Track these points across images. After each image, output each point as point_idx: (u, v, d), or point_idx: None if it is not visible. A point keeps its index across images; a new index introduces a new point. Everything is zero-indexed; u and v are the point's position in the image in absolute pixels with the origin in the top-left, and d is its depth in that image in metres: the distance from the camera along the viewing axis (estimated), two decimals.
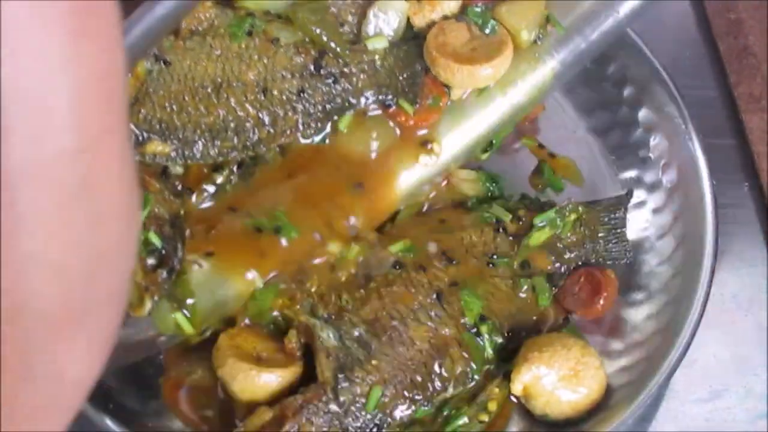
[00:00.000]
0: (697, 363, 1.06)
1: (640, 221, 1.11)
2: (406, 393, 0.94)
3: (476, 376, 0.97)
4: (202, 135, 0.96)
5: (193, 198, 0.98)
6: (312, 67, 1.00)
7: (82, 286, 0.49)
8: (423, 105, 1.01)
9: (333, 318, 0.95)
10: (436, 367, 0.95)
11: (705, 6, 1.30)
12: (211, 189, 0.98)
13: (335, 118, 1.01)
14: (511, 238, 1.04)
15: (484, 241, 1.03)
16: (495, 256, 1.02)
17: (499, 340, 0.99)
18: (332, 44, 1.00)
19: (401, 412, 0.94)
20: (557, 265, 1.04)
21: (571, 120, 1.19)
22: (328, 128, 1.00)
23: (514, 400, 0.99)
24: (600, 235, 1.07)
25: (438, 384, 0.95)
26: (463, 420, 0.96)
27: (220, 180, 0.99)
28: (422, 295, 0.97)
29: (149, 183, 0.94)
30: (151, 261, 0.89)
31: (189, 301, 0.92)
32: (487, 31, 1.01)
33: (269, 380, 0.92)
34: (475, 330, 0.98)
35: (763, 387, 1.05)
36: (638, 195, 1.12)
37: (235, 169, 1.00)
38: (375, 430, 0.93)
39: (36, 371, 0.49)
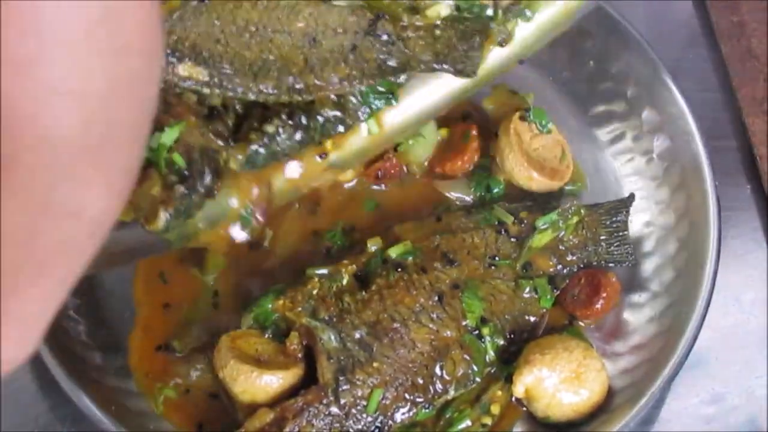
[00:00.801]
0: (699, 365, 1.05)
1: (643, 223, 1.11)
2: (407, 395, 0.94)
3: (477, 378, 0.97)
4: (241, 68, 0.91)
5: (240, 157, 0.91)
6: (366, 27, 0.95)
7: (103, 115, 0.50)
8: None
9: (334, 320, 0.95)
10: (437, 370, 0.95)
11: (708, 8, 1.30)
12: (261, 150, 0.91)
13: (392, 78, 0.95)
14: (513, 239, 1.03)
15: (486, 242, 1.03)
16: (497, 258, 1.02)
17: (501, 341, 0.99)
18: (392, 8, 0.96)
19: (402, 414, 0.94)
20: (559, 267, 1.04)
21: (575, 120, 1.19)
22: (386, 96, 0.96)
23: (517, 402, 0.99)
24: (602, 237, 1.07)
25: (439, 386, 0.95)
26: (466, 423, 0.96)
27: (270, 129, 0.92)
28: (423, 297, 0.97)
29: (183, 114, 0.89)
30: (172, 178, 0.85)
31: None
32: None
33: (270, 382, 0.92)
34: (476, 332, 0.98)
35: (764, 389, 1.05)
36: (641, 196, 1.12)
37: (285, 117, 0.93)
38: None
39: (57, 205, 0.49)
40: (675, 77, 1.13)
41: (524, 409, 0.99)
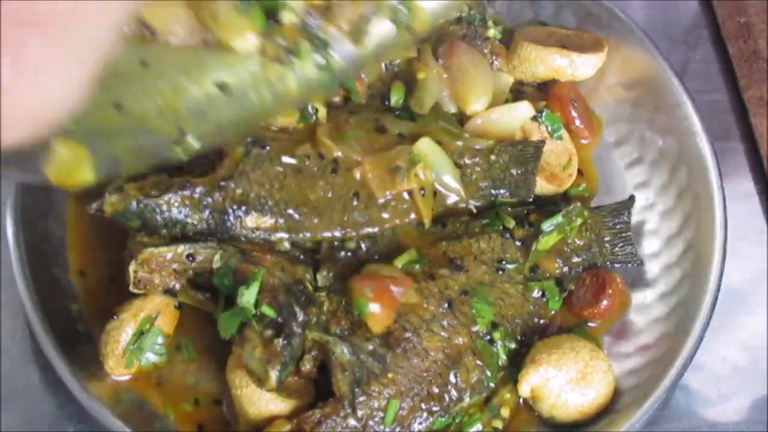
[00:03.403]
0: (706, 366, 1.06)
1: (650, 224, 1.11)
2: (423, 405, 0.93)
3: (491, 384, 0.97)
4: (306, 211, 0.96)
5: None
6: None
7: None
8: None
9: (346, 333, 0.94)
10: (452, 377, 0.95)
11: (715, 9, 1.30)
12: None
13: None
14: (518, 243, 1.03)
15: (492, 247, 1.02)
16: (504, 262, 1.02)
17: (513, 345, 0.99)
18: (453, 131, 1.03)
19: (419, 424, 0.93)
20: (565, 269, 1.04)
21: None
22: None
23: (523, 403, 0.99)
24: (606, 239, 1.07)
25: (454, 394, 0.94)
26: (476, 427, 0.96)
27: (352, 245, 1.00)
28: (433, 304, 0.97)
29: (261, 259, 0.94)
30: (268, 332, 0.90)
31: None
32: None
33: (283, 408, 0.93)
34: (488, 337, 0.97)
35: None
36: (648, 197, 1.12)
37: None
38: None
39: None
40: (681, 78, 1.13)
41: (536, 414, 0.99)
